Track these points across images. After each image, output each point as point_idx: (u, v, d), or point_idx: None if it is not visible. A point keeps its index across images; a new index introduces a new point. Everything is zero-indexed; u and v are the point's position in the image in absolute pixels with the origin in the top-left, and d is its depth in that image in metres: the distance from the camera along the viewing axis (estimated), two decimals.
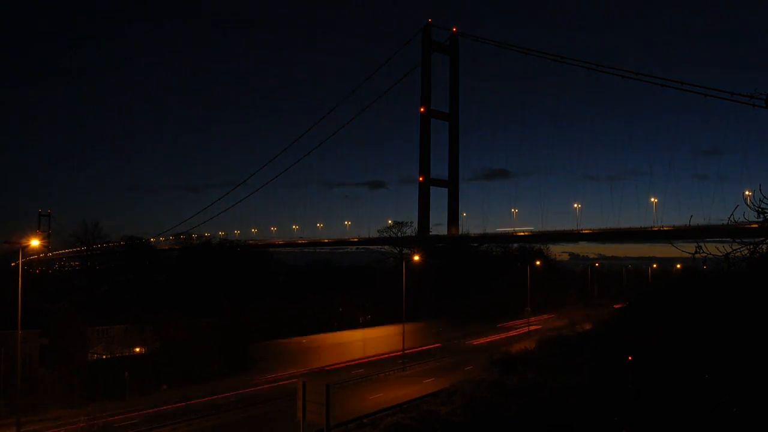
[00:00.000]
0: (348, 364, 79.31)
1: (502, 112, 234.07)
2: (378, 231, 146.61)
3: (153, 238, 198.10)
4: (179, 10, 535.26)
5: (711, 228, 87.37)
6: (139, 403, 59.62)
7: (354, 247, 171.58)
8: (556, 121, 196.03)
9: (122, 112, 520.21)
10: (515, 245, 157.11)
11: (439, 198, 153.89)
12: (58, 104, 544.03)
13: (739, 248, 13.05)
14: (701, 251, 13.45)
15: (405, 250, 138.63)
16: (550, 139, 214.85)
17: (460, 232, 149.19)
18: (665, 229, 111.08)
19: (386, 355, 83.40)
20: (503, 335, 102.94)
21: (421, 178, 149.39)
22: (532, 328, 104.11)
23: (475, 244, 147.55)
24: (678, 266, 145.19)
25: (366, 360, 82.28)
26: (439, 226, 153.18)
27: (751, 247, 13.17)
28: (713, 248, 13.33)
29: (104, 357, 71.84)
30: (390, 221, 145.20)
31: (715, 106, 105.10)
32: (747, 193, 15.43)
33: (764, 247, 13.31)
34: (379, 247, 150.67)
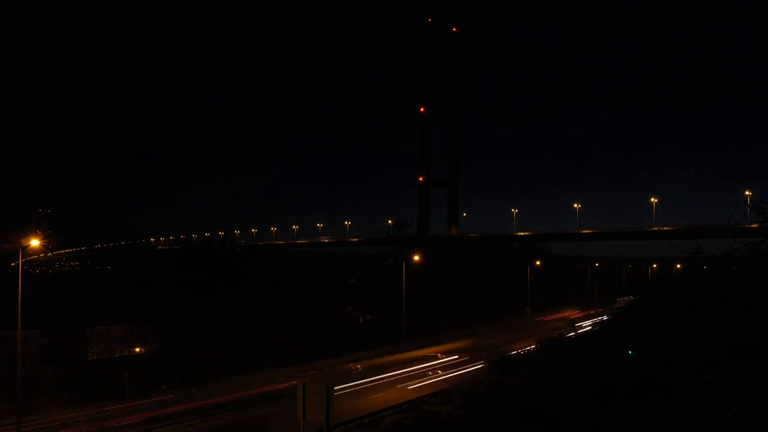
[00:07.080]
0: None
1: (502, 112, 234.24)
2: (378, 231, 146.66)
3: (153, 238, 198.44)
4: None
5: (711, 228, 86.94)
6: (139, 403, 59.57)
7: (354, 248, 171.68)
8: (555, 120, 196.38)
9: (121, 111, 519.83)
10: (515, 245, 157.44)
11: (439, 198, 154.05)
12: (59, 101, 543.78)
13: (739, 248, 13.02)
14: (701, 251, 13.44)
15: (405, 250, 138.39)
16: (550, 138, 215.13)
17: (460, 233, 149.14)
18: (665, 229, 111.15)
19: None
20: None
21: (421, 178, 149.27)
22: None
23: (475, 245, 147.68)
24: (678, 266, 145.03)
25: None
26: (439, 227, 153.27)
27: (751, 247, 13.15)
28: (713, 248, 13.33)
29: (104, 357, 71.84)
30: (390, 221, 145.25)
31: (714, 105, 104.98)
32: (747, 193, 15.47)
33: (764, 247, 13.28)
34: (379, 247, 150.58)
